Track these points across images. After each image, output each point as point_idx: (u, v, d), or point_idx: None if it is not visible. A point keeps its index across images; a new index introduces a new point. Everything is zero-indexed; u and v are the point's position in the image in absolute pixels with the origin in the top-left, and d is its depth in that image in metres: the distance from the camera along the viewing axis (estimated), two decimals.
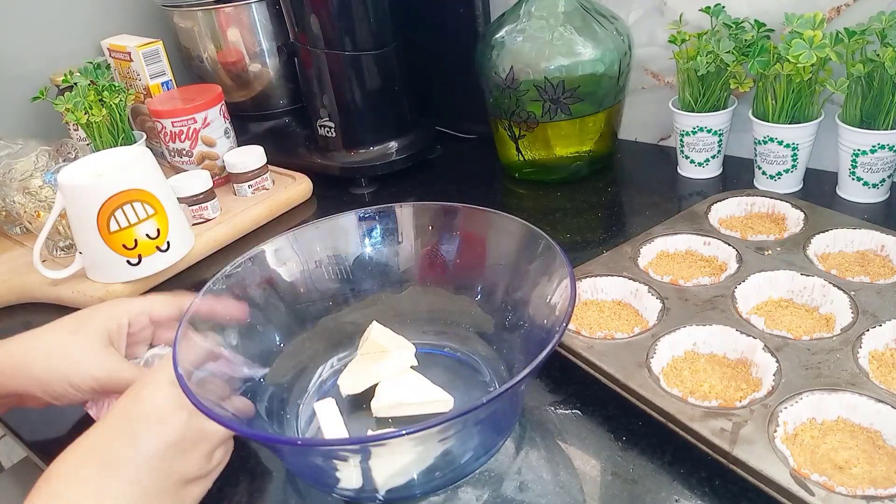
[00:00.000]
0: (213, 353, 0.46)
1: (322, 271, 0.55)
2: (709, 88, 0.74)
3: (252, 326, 0.51)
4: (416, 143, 0.88)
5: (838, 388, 0.43)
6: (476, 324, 0.55)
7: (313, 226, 0.55)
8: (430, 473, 0.43)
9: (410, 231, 0.57)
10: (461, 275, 0.56)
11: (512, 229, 0.52)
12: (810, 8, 0.67)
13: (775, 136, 0.70)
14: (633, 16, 0.82)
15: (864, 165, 0.67)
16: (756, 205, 0.66)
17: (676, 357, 0.49)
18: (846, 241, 0.59)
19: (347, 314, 0.56)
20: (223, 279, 0.50)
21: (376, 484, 0.42)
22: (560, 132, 0.78)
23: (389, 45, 0.83)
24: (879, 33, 0.62)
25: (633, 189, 0.80)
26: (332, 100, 0.84)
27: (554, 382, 0.51)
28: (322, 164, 0.88)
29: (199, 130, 0.85)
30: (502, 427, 0.46)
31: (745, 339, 0.48)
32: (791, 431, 0.42)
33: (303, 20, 0.81)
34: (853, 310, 0.50)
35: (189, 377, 0.41)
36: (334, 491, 0.44)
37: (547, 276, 0.48)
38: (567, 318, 0.40)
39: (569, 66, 0.74)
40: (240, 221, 0.80)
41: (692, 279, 0.56)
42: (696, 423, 0.42)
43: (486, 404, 0.36)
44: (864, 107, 0.65)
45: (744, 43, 0.70)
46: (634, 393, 0.45)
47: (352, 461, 0.41)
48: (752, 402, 0.43)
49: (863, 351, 0.46)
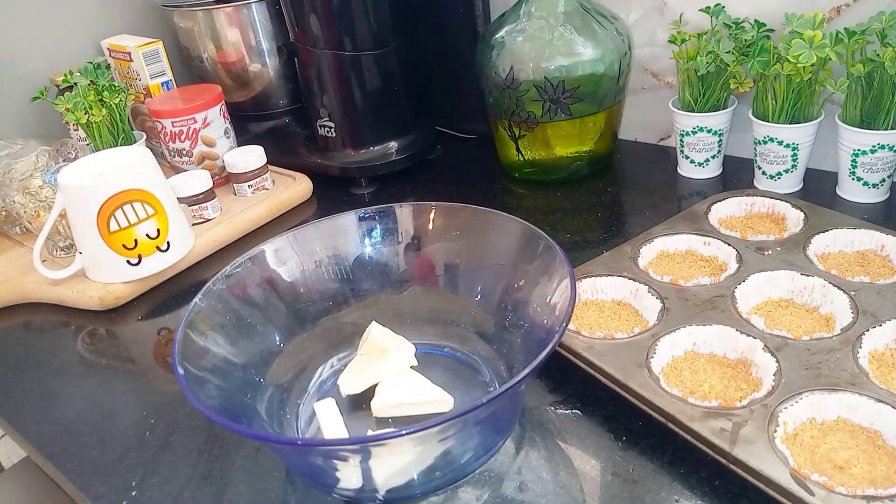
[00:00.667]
0: (212, 353, 0.46)
1: (322, 271, 0.56)
2: (709, 88, 0.74)
3: (252, 326, 0.51)
4: (416, 143, 0.88)
5: (838, 388, 0.43)
6: (476, 324, 0.55)
7: (313, 226, 0.55)
8: (430, 473, 0.43)
9: (410, 231, 0.57)
10: (461, 275, 0.56)
11: (512, 229, 0.52)
12: (810, 8, 0.67)
13: (775, 136, 0.70)
14: (633, 16, 0.82)
15: (864, 165, 0.67)
16: (756, 205, 0.66)
17: (676, 357, 0.49)
18: (846, 241, 0.59)
19: (347, 314, 0.56)
20: (223, 279, 0.50)
21: (376, 484, 0.42)
22: (560, 132, 0.78)
23: (389, 45, 0.83)
24: (879, 33, 0.62)
25: (633, 189, 0.80)
26: (332, 100, 0.84)
27: (554, 382, 0.51)
28: (322, 164, 0.88)
29: (199, 130, 0.85)
30: (502, 427, 0.46)
31: (745, 339, 0.48)
32: (791, 431, 0.42)
33: (303, 20, 0.81)
34: (853, 310, 0.50)
35: (189, 377, 0.41)
36: (334, 491, 0.44)
37: (547, 276, 0.48)
38: (567, 318, 0.40)
39: (569, 66, 0.74)
40: (240, 221, 0.80)
41: (692, 279, 0.56)
42: (696, 423, 0.42)
43: (486, 404, 0.36)
44: (864, 107, 0.65)
45: (744, 43, 0.70)
46: (634, 393, 0.45)
47: (352, 461, 0.41)
48: (752, 402, 0.43)
49: (863, 351, 0.46)
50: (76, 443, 0.53)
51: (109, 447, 0.52)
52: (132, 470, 0.50)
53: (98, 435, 0.53)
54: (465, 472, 0.44)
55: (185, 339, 0.44)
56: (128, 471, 0.49)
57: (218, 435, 0.52)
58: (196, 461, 0.50)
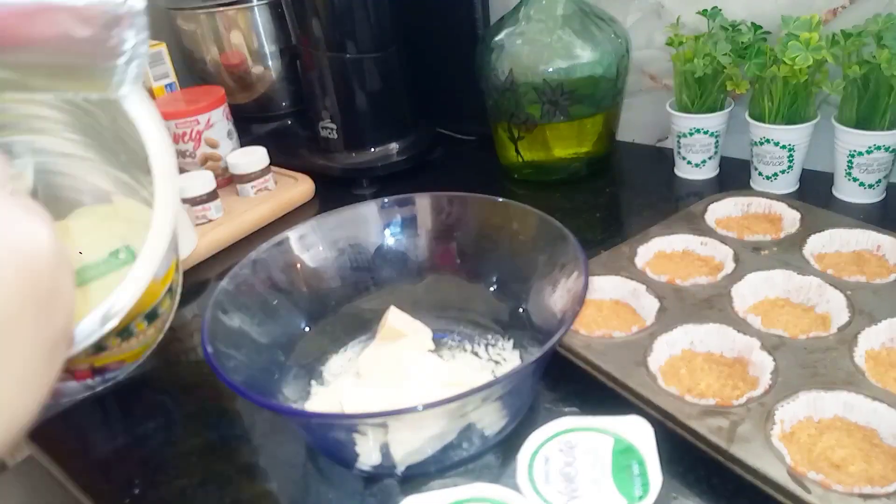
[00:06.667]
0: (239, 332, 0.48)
1: (344, 259, 0.57)
2: (705, 90, 0.74)
3: (276, 310, 0.52)
4: (416, 145, 0.88)
5: (835, 386, 0.43)
6: (491, 311, 0.56)
7: (336, 213, 0.57)
8: (445, 451, 0.44)
9: (429, 220, 0.58)
10: (477, 264, 0.57)
11: (527, 219, 0.53)
12: (806, 10, 0.67)
13: (771, 138, 0.69)
14: (630, 19, 0.82)
15: (860, 166, 0.66)
16: (752, 205, 0.65)
17: (674, 356, 0.49)
18: (842, 241, 0.58)
19: (367, 301, 0.57)
20: (250, 264, 0.51)
21: (395, 460, 0.43)
22: (559, 134, 0.78)
23: (390, 47, 0.83)
24: (875, 35, 0.62)
25: (631, 190, 0.80)
26: (333, 102, 0.84)
27: (553, 381, 0.51)
28: (324, 166, 0.88)
29: (203, 132, 0.84)
30: (517, 408, 0.47)
31: (742, 337, 0.48)
32: (788, 430, 0.42)
33: (305, 23, 0.80)
34: (849, 309, 0.50)
35: (218, 355, 0.42)
36: (353, 468, 0.45)
37: (560, 264, 0.49)
38: (581, 301, 0.42)
39: (567, 69, 0.73)
40: (243, 222, 0.79)
41: (689, 279, 0.56)
42: (694, 420, 0.42)
43: (500, 381, 0.39)
44: (860, 108, 0.65)
45: (740, 45, 0.70)
46: (633, 391, 0.45)
47: (371, 435, 0.42)
48: (749, 400, 0.43)
49: (859, 350, 0.46)
50: (79, 441, 0.53)
51: (112, 445, 0.52)
52: (135, 468, 0.49)
53: (101, 433, 0.53)
54: (485, 446, 0.45)
55: (214, 319, 0.45)
56: (130, 469, 0.49)
57: (222, 433, 0.52)
58: (199, 459, 0.50)
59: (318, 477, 0.46)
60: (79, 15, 0.34)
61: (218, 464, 0.49)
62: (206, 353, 0.42)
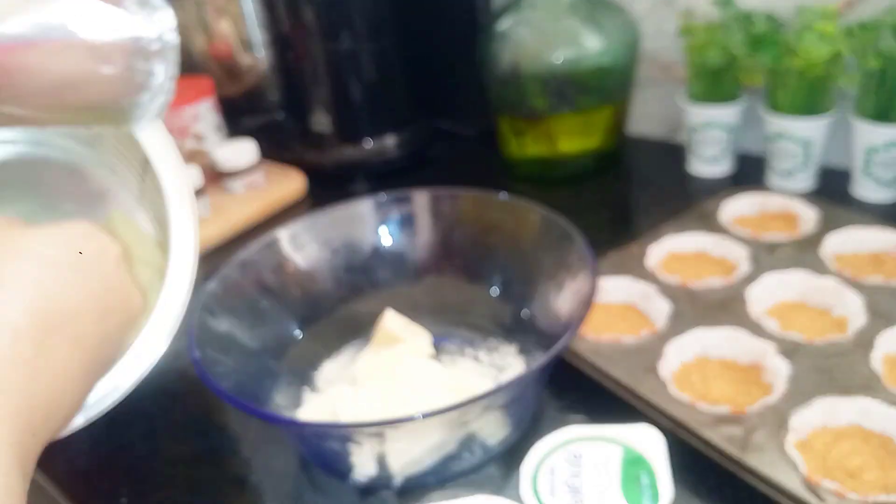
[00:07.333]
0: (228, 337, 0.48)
1: (338, 259, 0.57)
2: (719, 82, 0.74)
3: (267, 313, 0.53)
4: (413, 140, 0.89)
5: (851, 392, 0.44)
6: (494, 315, 0.56)
7: (330, 212, 0.57)
8: (445, 462, 0.44)
9: (427, 218, 0.58)
10: (478, 265, 0.57)
11: (531, 218, 0.53)
12: (822, 1, 0.67)
13: (787, 132, 0.70)
14: (640, 6, 0.82)
15: (878, 163, 0.67)
16: (768, 203, 0.66)
17: (686, 361, 0.50)
18: (860, 240, 0.59)
19: (363, 304, 0.57)
20: (239, 265, 0.52)
21: (392, 471, 0.43)
22: (565, 127, 0.79)
23: (386, 37, 0.84)
24: (892, 27, 0.63)
25: (641, 187, 0.80)
26: (326, 94, 0.85)
27: (559, 388, 0.52)
28: (316, 161, 0.88)
29: (189, 126, 0.85)
30: (521, 416, 0.47)
31: (757, 342, 0.49)
32: (803, 437, 0.43)
33: (296, 11, 0.81)
34: (867, 312, 0.50)
35: (206, 361, 0.43)
36: (348, 479, 0.45)
37: (566, 265, 0.49)
38: (588, 304, 0.43)
39: (574, 59, 0.74)
40: (231, 220, 0.80)
41: (702, 280, 0.56)
42: (707, 429, 0.43)
43: (504, 388, 0.39)
44: (877, 102, 0.66)
45: (754, 36, 0.71)
46: (642, 399, 0.46)
47: (367, 445, 0.43)
48: (764, 407, 0.44)
49: (876, 354, 0.47)
50: (63, 449, 0.54)
51: (98, 453, 0.53)
52: (121, 477, 0.50)
53: (87, 440, 0.54)
54: (487, 456, 0.46)
55: (201, 324, 0.46)
56: (116, 478, 0.50)
57: (210, 442, 0.52)
58: (187, 469, 0.50)
59: (311, 489, 0.47)
60: (102, 52, 0.32)
61: (206, 474, 0.50)
62: (194, 358, 0.42)
